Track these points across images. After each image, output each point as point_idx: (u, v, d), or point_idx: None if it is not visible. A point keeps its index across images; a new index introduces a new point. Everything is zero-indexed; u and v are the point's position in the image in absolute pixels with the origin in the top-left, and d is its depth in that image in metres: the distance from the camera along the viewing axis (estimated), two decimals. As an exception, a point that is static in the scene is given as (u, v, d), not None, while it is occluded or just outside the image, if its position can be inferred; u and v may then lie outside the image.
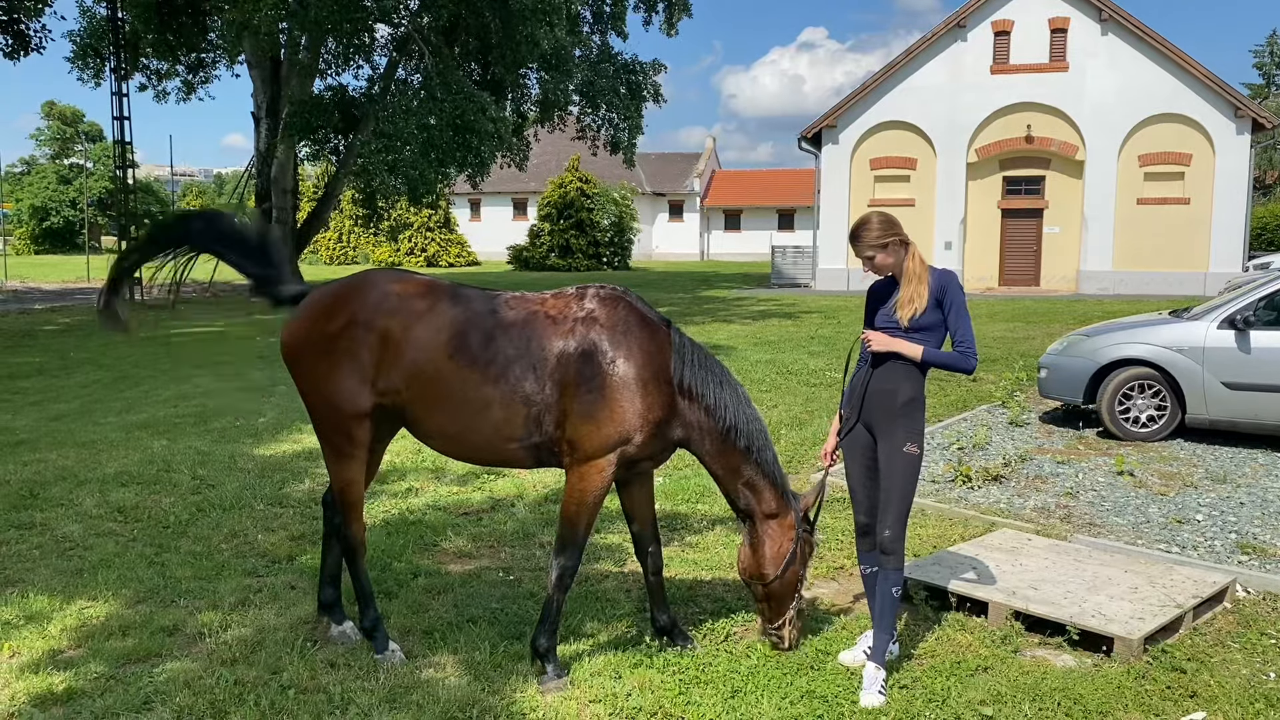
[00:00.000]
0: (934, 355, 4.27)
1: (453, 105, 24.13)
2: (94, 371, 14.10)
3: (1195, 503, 7.11)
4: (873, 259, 4.35)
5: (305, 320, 4.54)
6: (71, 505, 7.11)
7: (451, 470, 8.06)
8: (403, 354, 4.32)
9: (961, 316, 4.27)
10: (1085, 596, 5.01)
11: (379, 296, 4.43)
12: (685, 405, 4.37)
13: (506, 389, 4.25)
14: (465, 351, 4.29)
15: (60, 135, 76.06)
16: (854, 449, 4.50)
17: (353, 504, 4.61)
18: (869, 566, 4.49)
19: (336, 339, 4.40)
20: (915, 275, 4.29)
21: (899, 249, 4.31)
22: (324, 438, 4.60)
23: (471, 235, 53.55)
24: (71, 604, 5.26)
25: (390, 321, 4.35)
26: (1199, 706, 4.13)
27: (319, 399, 4.51)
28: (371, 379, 4.36)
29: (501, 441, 4.35)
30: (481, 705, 4.10)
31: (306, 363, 4.51)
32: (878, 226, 4.32)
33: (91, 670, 4.49)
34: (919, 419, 4.33)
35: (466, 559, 6.06)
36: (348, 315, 4.41)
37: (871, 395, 4.36)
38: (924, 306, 4.23)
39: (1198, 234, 29.13)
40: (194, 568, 5.83)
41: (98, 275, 36.72)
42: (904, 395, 4.29)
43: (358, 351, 4.36)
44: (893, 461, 4.29)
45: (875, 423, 4.37)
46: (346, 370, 4.37)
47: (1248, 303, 8.59)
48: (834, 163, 32.29)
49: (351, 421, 4.44)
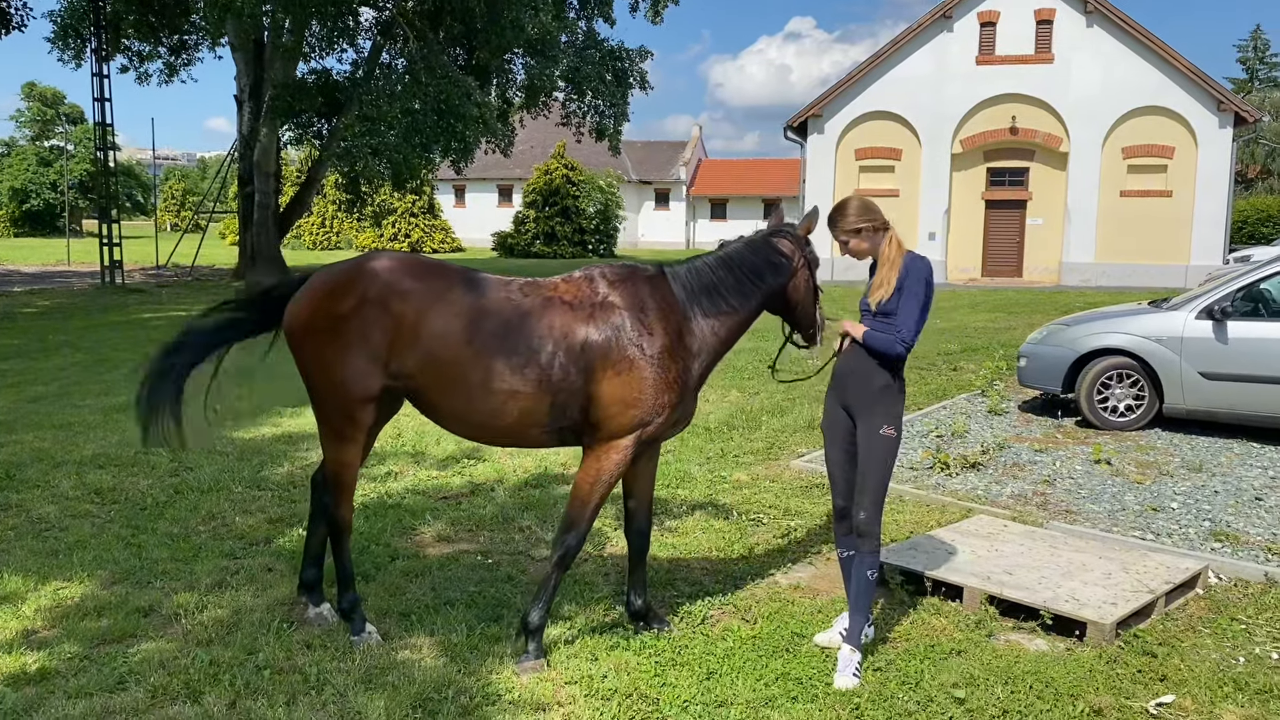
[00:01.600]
0: (871, 337, 4.32)
1: (437, 89, 24.00)
2: (73, 354, 13.99)
3: (1170, 491, 7.17)
4: (847, 244, 4.41)
5: (313, 300, 4.44)
6: (48, 487, 7.07)
7: (431, 454, 8.04)
8: (418, 338, 4.25)
9: (908, 301, 4.26)
10: (1059, 582, 5.05)
11: (392, 277, 4.34)
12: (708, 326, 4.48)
13: (532, 378, 4.22)
14: (484, 339, 4.24)
15: (41, 117, 75.33)
16: (833, 432, 4.53)
17: (345, 486, 4.59)
18: (845, 550, 4.50)
19: (347, 320, 4.31)
20: (889, 260, 4.33)
21: (874, 234, 4.35)
22: (325, 420, 4.54)
23: (456, 221, 53.29)
24: (46, 584, 5.23)
25: (404, 304, 4.27)
26: (1169, 690, 4.18)
27: (325, 381, 4.43)
28: (384, 361, 4.30)
29: (526, 428, 4.36)
30: (457, 686, 4.10)
31: (313, 344, 4.41)
32: (854, 212, 4.37)
33: (65, 650, 4.47)
34: (897, 402, 4.36)
35: (445, 543, 6.05)
36: (358, 295, 4.32)
37: (849, 377, 4.41)
38: (891, 292, 4.27)
39: (1179, 227, 29.30)
40: (171, 549, 5.81)
41: (78, 258, 36.49)
42: (880, 379, 4.32)
43: (369, 333, 4.28)
44: (870, 444, 4.31)
45: (853, 405, 4.39)
46: (357, 352, 4.30)
47: (1225, 293, 8.65)
48: (819, 152, 32.30)
49: (357, 405, 4.39)
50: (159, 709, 3.96)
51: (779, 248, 4.61)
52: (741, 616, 4.90)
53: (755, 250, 4.60)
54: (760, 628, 4.73)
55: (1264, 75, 72.13)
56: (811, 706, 3.94)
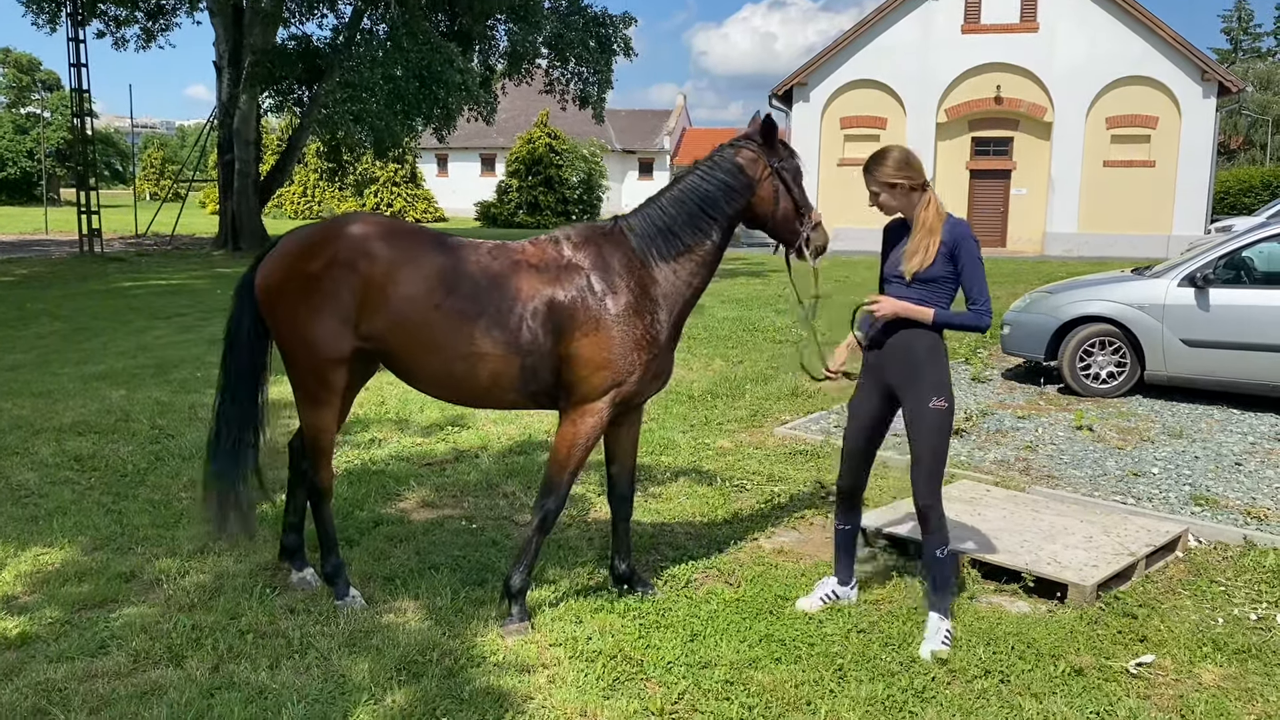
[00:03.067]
0: (946, 317, 4.04)
1: (419, 56, 23.73)
2: (51, 323, 13.85)
3: (1151, 457, 7.22)
4: (878, 195, 4.14)
5: (284, 261, 4.42)
6: (27, 454, 7.01)
7: (415, 421, 8.01)
8: (386, 299, 4.23)
9: (977, 271, 4.02)
10: (1041, 545, 5.08)
11: (362, 238, 4.31)
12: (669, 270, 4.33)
13: (500, 340, 4.19)
14: (452, 301, 4.21)
15: (16, 84, 74.15)
16: (860, 413, 4.34)
17: (323, 450, 4.58)
18: (843, 524, 4.50)
19: (318, 280, 4.28)
20: (927, 226, 4.05)
21: (909, 194, 4.09)
22: (298, 383, 4.52)
23: (438, 191, 52.87)
24: (27, 550, 5.19)
25: (374, 265, 4.24)
26: (1149, 650, 4.21)
27: (297, 343, 4.39)
28: (354, 322, 4.27)
29: (497, 391, 4.33)
30: (442, 649, 4.10)
31: (285, 305, 4.39)
32: (892, 163, 4.10)
33: (47, 615, 4.44)
34: (943, 368, 4.12)
35: (429, 508, 6.04)
36: (329, 256, 4.29)
37: (888, 353, 4.15)
38: (931, 259, 4.01)
39: (1162, 197, 29.39)
40: (152, 515, 5.77)
41: (56, 227, 36.07)
42: (923, 345, 4.08)
43: (339, 293, 4.25)
44: (920, 420, 4.07)
45: (897, 382, 4.15)
46: (328, 313, 4.27)
47: (1207, 261, 8.68)
48: (804, 121, 32.19)
49: (330, 366, 4.36)
50: (142, 673, 3.94)
51: (737, 164, 4.35)
52: (725, 580, 4.91)
53: (709, 174, 4.36)
54: (744, 591, 4.74)
55: (1248, 45, 72.32)
56: (795, 667, 3.96)
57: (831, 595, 4.56)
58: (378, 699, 3.72)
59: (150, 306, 15.67)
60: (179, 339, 12.36)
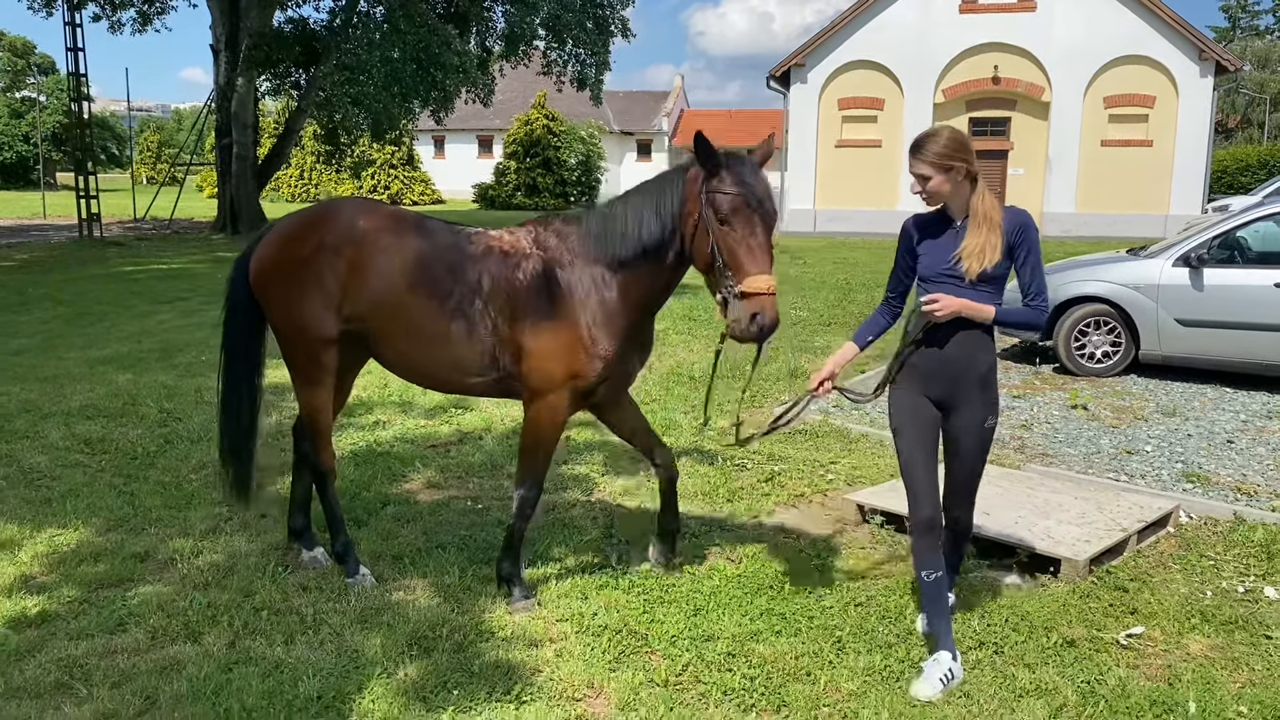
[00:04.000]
0: (1007, 315, 3.70)
1: (416, 38, 23.70)
2: (53, 308, 13.91)
3: (1145, 435, 7.33)
4: (927, 180, 3.66)
5: (275, 246, 4.57)
6: (37, 437, 7.10)
7: (419, 404, 8.11)
8: (366, 282, 4.36)
9: (1037, 267, 3.69)
10: (1035, 521, 5.19)
11: (347, 223, 4.45)
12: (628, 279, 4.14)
13: (463, 324, 4.28)
14: (425, 284, 4.31)
15: (11, 68, 73.81)
16: (920, 431, 3.82)
17: (321, 430, 4.69)
18: (932, 571, 3.75)
19: (306, 264, 4.42)
20: (987, 219, 3.62)
21: (963, 182, 3.66)
22: (292, 364, 4.65)
23: (436, 173, 52.79)
24: (41, 532, 5.29)
25: (356, 249, 4.37)
26: (1139, 622, 4.33)
27: (288, 325, 4.54)
28: (337, 305, 4.41)
29: (461, 375, 4.41)
30: (451, 624, 4.22)
31: (276, 289, 4.54)
32: (946, 142, 3.64)
33: (64, 594, 4.55)
34: (996, 387, 3.90)
35: (435, 489, 6.15)
36: (316, 241, 4.43)
37: (945, 364, 3.75)
38: (998, 257, 3.61)
39: (1159, 177, 29.41)
40: (163, 497, 5.87)
41: (54, 212, 36.02)
42: (984, 363, 3.77)
43: (324, 276, 4.39)
44: (972, 438, 3.85)
45: (950, 396, 3.79)
46: (314, 295, 4.41)
47: (1201, 241, 8.77)
48: (802, 102, 32.13)
49: (319, 347, 4.49)
50: (160, 648, 4.06)
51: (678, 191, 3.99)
52: (727, 557, 5.02)
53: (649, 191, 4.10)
54: (745, 567, 4.85)
55: (1246, 24, 72.08)
56: (795, 640, 4.08)
57: (948, 677, 3.73)
58: (390, 672, 3.83)
59: (152, 291, 15.73)
60: (182, 323, 12.44)
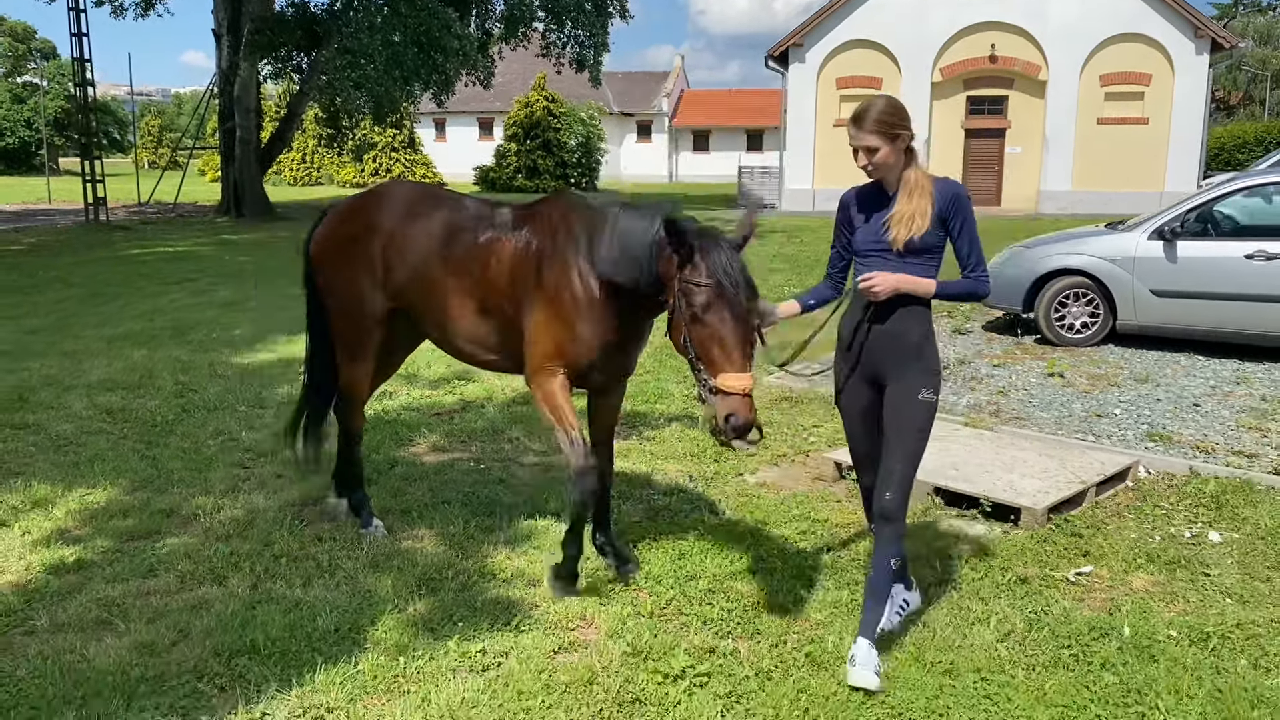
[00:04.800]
0: (948, 287, 3.59)
1: (417, 21, 23.96)
2: (65, 289, 14.27)
3: (1115, 399, 7.68)
4: (875, 151, 3.52)
5: (330, 225, 4.90)
6: (61, 408, 7.47)
7: (423, 376, 8.47)
8: (404, 257, 4.59)
9: (974, 237, 3.58)
10: (999, 475, 5.55)
11: (392, 203, 4.73)
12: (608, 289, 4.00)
13: (477, 298, 4.44)
14: (451, 259, 4.49)
15: (12, 53, 73.97)
16: (856, 406, 3.82)
17: (356, 401, 5.07)
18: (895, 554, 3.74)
19: (355, 242, 4.73)
20: (918, 187, 3.54)
21: (901, 151, 3.56)
22: (339, 338, 4.96)
23: (437, 156, 53.00)
24: (72, 491, 5.67)
25: (398, 228, 4.62)
26: (1089, 563, 4.70)
27: (338, 301, 4.86)
28: (383, 282, 4.66)
29: (484, 351, 4.56)
30: (456, 568, 4.59)
31: (329, 266, 4.86)
32: (887, 108, 3.53)
33: (98, 545, 4.92)
34: (934, 359, 3.67)
35: (440, 452, 6.52)
36: (365, 220, 4.74)
37: (874, 341, 3.66)
38: (926, 226, 3.52)
39: (1155, 154, 29.66)
40: (184, 460, 6.24)
41: (59, 197, 36.33)
42: (918, 332, 3.63)
43: (372, 255, 4.65)
44: (901, 410, 3.61)
45: (884, 370, 3.68)
46: (363, 274, 4.69)
47: (1175, 215, 9.10)
48: (800, 82, 32.36)
49: (367, 324, 4.79)
50: (189, 590, 4.43)
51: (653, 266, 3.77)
52: (711, 510, 5.39)
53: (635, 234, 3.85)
54: (728, 518, 5.22)
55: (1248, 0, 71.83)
56: (771, 578, 4.44)
57: (904, 605, 4.03)
58: (400, 609, 4.20)
59: (160, 272, 16.08)
60: (192, 302, 12.80)
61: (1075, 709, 3.40)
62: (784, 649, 3.82)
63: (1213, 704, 3.41)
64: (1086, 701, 3.44)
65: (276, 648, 3.86)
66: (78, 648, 3.89)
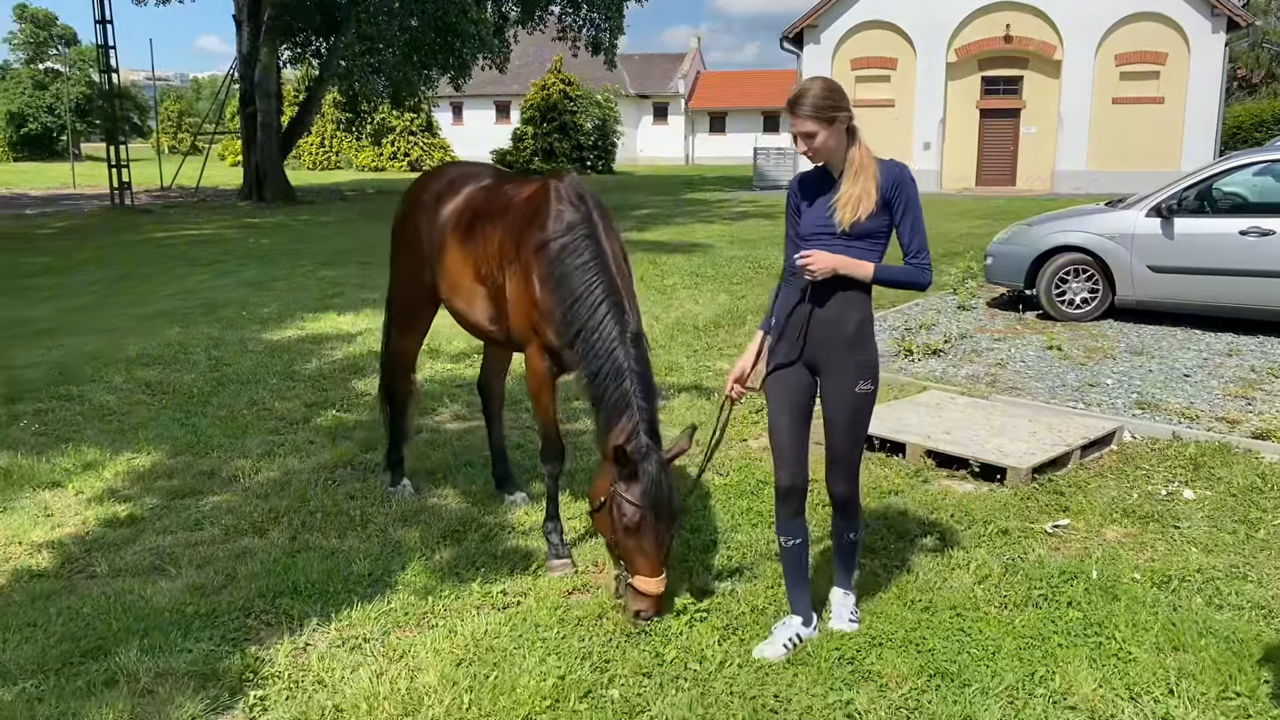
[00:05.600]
0: (886, 273, 3.54)
1: (434, 6, 24.29)
2: (98, 270, 14.74)
3: (1109, 370, 7.98)
4: (813, 137, 3.45)
5: (400, 206, 5.28)
6: (102, 381, 7.89)
7: (445, 351, 8.85)
8: (433, 232, 4.91)
9: (917, 221, 3.54)
10: (989, 439, 5.88)
11: (438, 183, 5.08)
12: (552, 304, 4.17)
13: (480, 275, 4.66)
14: (466, 232, 4.74)
15: (34, 39, 74.72)
16: (785, 394, 3.70)
17: (401, 369, 5.47)
18: (791, 538, 3.81)
19: (404, 223, 5.14)
20: (862, 168, 3.48)
21: (843, 132, 3.49)
22: (393, 309, 5.39)
23: (454, 139, 53.36)
24: (119, 455, 6.07)
25: (435, 200, 4.96)
26: (1067, 517, 5.02)
27: (395, 276, 5.31)
28: (427, 257, 4.96)
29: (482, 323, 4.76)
30: (478, 522, 4.97)
31: (393, 242, 5.28)
32: (826, 94, 3.44)
33: (147, 502, 5.33)
34: (872, 349, 3.65)
35: (461, 420, 6.90)
36: (414, 200, 5.12)
37: (815, 325, 3.59)
38: (872, 207, 3.47)
39: (1171, 134, 29.64)
40: (221, 428, 6.64)
41: (83, 181, 36.93)
42: (853, 321, 3.58)
43: (419, 231, 5.00)
44: (841, 402, 3.62)
45: (820, 358, 3.62)
46: (412, 251, 5.06)
47: (1172, 193, 9.35)
48: (815, 63, 32.40)
49: (415, 300, 5.17)
50: (233, 541, 4.82)
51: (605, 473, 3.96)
52: (715, 471, 5.74)
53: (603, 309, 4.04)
54: (731, 478, 5.58)
55: (1270, -24, 71.05)
56: (769, 530, 4.78)
57: (796, 639, 3.77)
58: (428, 556, 4.58)
59: (187, 255, 16.53)
60: (220, 283, 13.22)
61: (1039, 639, 3.74)
62: (777, 590, 4.17)
63: (1165, 634, 3.74)
64: (1050, 633, 3.78)
65: (316, 589, 4.24)
66: (135, 589, 4.29)
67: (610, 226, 4.30)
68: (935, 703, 3.34)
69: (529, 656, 3.64)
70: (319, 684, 3.52)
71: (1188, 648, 3.64)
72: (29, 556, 4.68)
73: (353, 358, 8.60)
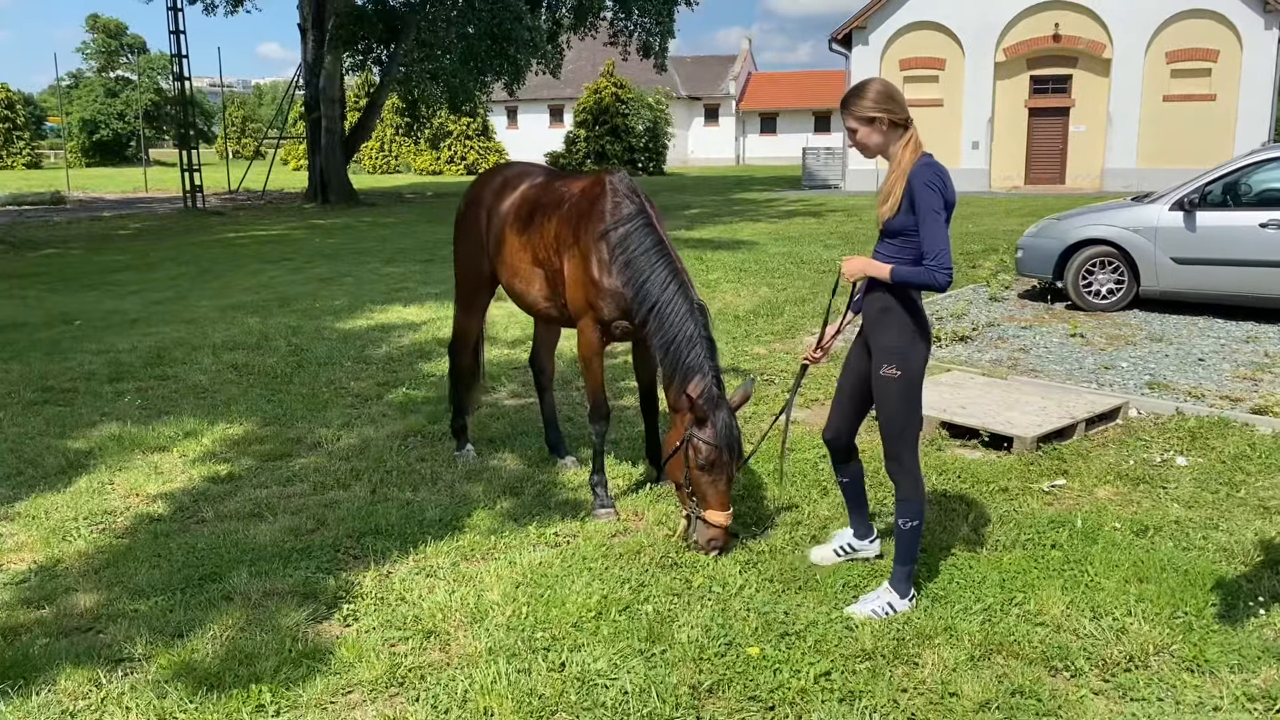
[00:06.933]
0: (900, 274, 3.73)
1: (490, 14, 25.14)
2: (176, 267, 15.70)
3: (1126, 355, 8.42)
4: (855, 133, 3.80)
5: (463, 198, 5.96)
6: (193, 364, 8.68)
7: (502, 338, 9.53)
8: (491, 223, 5.60)
9: (930, 223, 3.63)
10: (1000, 413, 6.40)
11: (496, 179, 5.75)
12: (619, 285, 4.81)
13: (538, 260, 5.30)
14: (521, 221, 5.41)
15: (105, 49, 77.34)
16: (849, 363, 4.20)
17: (464, 346, 6.15)
18: (841, 477, 4.42)
19: (464, 216, 5.82)
20: (900, 167, 3.71)
21: (890, 130, 3.73)
22: (457, 292, 6.07)
23: (509, 143, 54.45)
24: (215, 425, 6.82)
25: (492, 196, 5.64)
26: (1064, 479, 5.53)
27: (457, 264, 5.98)
28: (486, 246, 5.66)
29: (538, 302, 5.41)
30: (534, 479, 5.62)
31: (456, 233, 5.96)
32: (871, 96, 3.74)
33: (243, 464, 6.06)
34: (893, 334, 3.85)
35: (517, 397, 7.56)
36: (474, 194, 5.80)
37: (866, 309, 4.00)
38: (898, 205, 3.69)
39: (1223, 130, 29.51)
40: (304, 403, 7.38)
41: (155, 185, 38.46)
42: (876, 306, 3.89)
43: (479, 222, 5.69)
44: (875, 384, 3.94)
45: (869, 340, 3.99)
46: (472, 241, 5.75)
47: (1195, 187, 9.73)
48: (864, 64, 32.77)
49: (475, 285, 5.88)
50: (320, 494, 5.52)
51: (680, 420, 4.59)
52: (749, 441, 6.30)
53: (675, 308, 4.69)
54: (764, 449, 6.14)
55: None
56: (791, 489, 5.38)
57: (847, 548, 4.47)
58: (490, 506, 5.23)
59: (259, 254, 17.47)
60: (292, 278, 14.08)
61: (1021, 573, 4.28)
62: (795, 533, 4.76)
63: (1133, 570, 4.26)
64: (1031, 569, 4.32)
65: (395, 530, 4.92)
66: (240, 530, 5.00)
67: (660, 217, 5.00)
68: (922, 618, 3.91)
69: (577, 580, 4.27)
70: (400, 600, 4.18)
71: (1150, 580, 4.17)
72: (146, 505, 5.42)
73: (419, 344, 9.32)
